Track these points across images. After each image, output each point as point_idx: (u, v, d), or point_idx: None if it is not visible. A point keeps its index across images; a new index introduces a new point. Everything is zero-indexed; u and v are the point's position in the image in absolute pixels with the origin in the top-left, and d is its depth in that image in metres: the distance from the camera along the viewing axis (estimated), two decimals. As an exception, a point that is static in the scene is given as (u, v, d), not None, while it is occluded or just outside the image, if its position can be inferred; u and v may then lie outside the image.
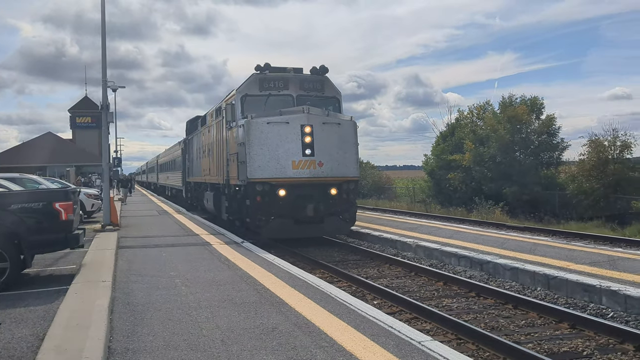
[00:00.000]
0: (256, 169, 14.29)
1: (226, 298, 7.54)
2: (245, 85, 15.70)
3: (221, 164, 17.74)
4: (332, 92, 16.33)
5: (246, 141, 14.42)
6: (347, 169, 14.96)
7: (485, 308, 8.87)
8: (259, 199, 14.38)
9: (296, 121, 14.46)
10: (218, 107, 19.03)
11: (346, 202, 15.19)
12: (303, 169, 14.39)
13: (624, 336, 6.99)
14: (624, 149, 28.08)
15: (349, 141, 15.11)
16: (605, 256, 11.30)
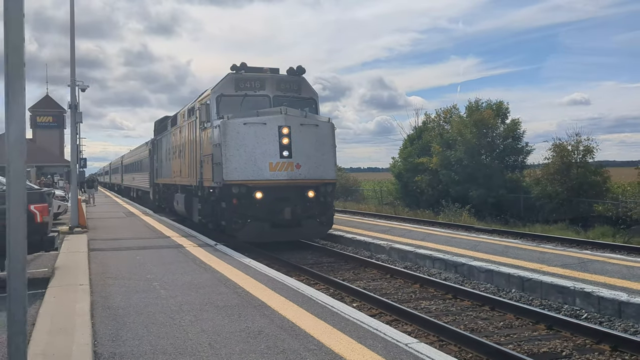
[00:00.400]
0: (232, 171, 13.97)
1: (207, 301, 7.45)
2: (221, 85, 15.37)
3: (194, 166, 17.36)
4: (309, 93, 16.12)
5: (222, 142, 14.10)
6: (324, 171, 14.76)
7: (463, 310, 8.98)
8: (235, 201, 14.07)
9: (274, 122, 14.22)
10: (191, 107, 18.57)
11: (324, 205, 15.01)
12: (281, 171, 14.13)
13: (600, 336, 7.17)
14: (587, 154, 28.84)
15: (326, 143, 14.93)
16: (575, 258, 11.59)
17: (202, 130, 16.20)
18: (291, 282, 8.96)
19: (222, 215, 14.77)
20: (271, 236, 14.49)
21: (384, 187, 44.16)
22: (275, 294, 7.96)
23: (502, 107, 34.19)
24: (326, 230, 15.68)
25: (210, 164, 15.04)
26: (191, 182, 18.00)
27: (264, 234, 14.35)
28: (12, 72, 3.55)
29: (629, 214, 23.12)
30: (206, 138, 15.76)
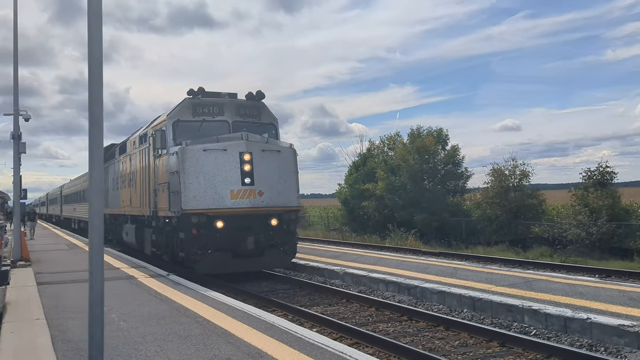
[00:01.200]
0: (191, 199, 13.37)
1: (170, 332, 7.41)
2: (178, 110, 14.81)
3: (147, 195, 16.70)
4: (269, 119, 15.75)
5: (180, 170, 13.51)
6: (287, 198, 14.31)
7: (419, 331, 9.27)
8: (195, 231, 13.43)
9: (234, 148, 13.73)
10: (143, 133, 17.78)
11: (287, 233, 14.51)
12: (242, 199, 13.58)
13: (550, 351, 7.59)
14: (523, 178, 30.13)
15: (289, 169, 14.53)
16: (521, 278, 12.15)
17: (157, 158, 15.52)
18: (251, 309, 9.01)
19: (180, 247, 14.12)
20: (233, 267, 13.89)
21: (330, 213, 44.56)
22: (237, 321, 8.00)
23: (442, 133, 35.37)
24: (290, 260, 15.14)
25: (167, 193, 14.45)
26: (143, 212, 17.21)
27: (226, 265, 13.75)
28: None
29: (564, 235, 24.25)
30: (161, 166, 15.13)
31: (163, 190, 14.79)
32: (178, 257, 14.41)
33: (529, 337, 8.34)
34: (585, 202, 24.77)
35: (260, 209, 13.82)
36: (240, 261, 13.82)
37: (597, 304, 9.25)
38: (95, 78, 4.28)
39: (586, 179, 26.11)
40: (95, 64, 4.27)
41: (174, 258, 14.86)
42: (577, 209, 25.09)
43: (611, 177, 25.73)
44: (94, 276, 4.36)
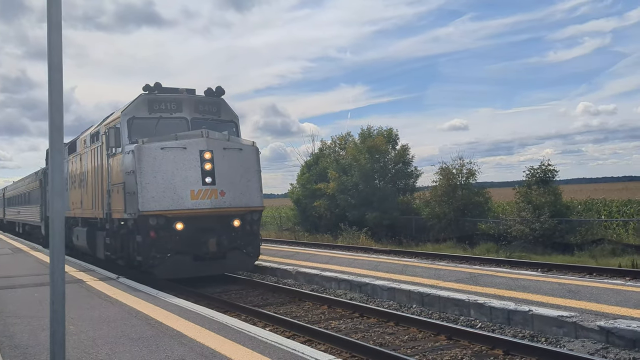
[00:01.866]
0: (149, 200, 12.72)
1: (121, 334, 7.36)
2: (133, 107, 14.01)
3: (99, 196, 15.89)
4: (229, 116, 15.14)
5: (137, 169, 12.81)
6: (250, 198, 13.76)
7: (370, 327, 9.49)
8: (153, 234, 12.80)
9: (194, 146, 13.11)
10: (95, 131, 16.88)
11: (250, 235, 14.00)
12: (203, 199, 13.00)
13: (494, 343, 7.92)
14: (470, 176, 30.93)
15: (251, 168, 13.96)
16: (467, 273, 12.56)
17: (110, 157, 14.71)
18: (203, 310, 9.02)
19: (137, 250, 13.39)
20: (194, 271, 13.36)
21: (282, 212, 44.58)
22: (189, 322, 8.00)
23: (392, 133, 35.92)
24: (253, 262, 14.62)
25: (122, 194, 13.69)
26: (96, 215, 16.43)
27: (186, 268, 13.22)
28: None
29: (509, 231, 25.06)
30: (116, 165, 14.38)
31: (118, 191, 14.10)
32: (135, 262, 13.73)
33: (474, 330, 8.67)
34: (529, 199, 25.65)
35: (222, 209, 13.30)
36: (202, 264, 13.31)
37: (539, 297, 9.68)
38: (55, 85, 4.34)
39: (529, 177, 27.02)
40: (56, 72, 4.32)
41: (130, 262, 14.18)
42: (521, 206, 25.95)
43: (553, 175, 26.72)
44: (55, 276, 4.45)
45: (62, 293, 4.48)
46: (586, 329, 7.90)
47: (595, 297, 9.44)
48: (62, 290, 4.48)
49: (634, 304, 8.84)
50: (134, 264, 13.85)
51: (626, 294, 9.65)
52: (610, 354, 7.33)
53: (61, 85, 4.36)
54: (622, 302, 9.02)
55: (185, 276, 13.42)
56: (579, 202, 30.06)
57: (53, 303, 4.44)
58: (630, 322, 7.72)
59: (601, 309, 8.62)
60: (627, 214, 28.33)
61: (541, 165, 26.98)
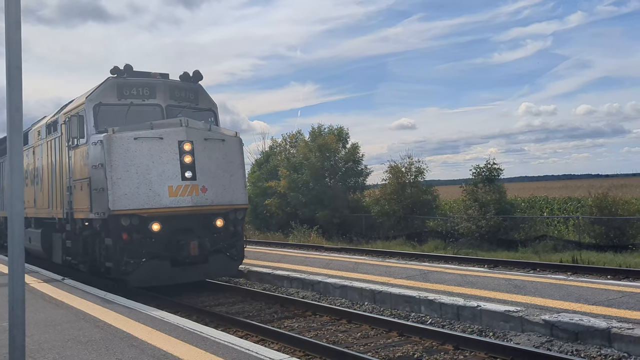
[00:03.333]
0: (121, 198, 11.25)
1: (69, 338, 7.15)
2: (100, 92, 12.44)
3: (57, 194, 14.26)
4: (207, 104, 13.67)
5: (106, 162, 11.33)
6: (234, 195, 12.40)
7: (323, 325, 9.54)
8: (126, 236, 11.34)
9: (172, 136, 11.68)
10: (51, 121, 15.10)
11: (233, 236, 12.68)
12: (183, 196, 11.61)
13: (444, 338, 8.10)
14: (418, 174, 31.48)
15: (235, 161, 12.58)
16: (417, 270, 12.79)
17: (72, 149, 13.08)
18: (153, 311, 8.86)
19: (106, 255, 11.93)
20: (172, 277, 11.92)
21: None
22: (139, 324, 7.85)
23: (342, 132, 36.17)
24: (237, 266, 13.12)
25: (87, 191, 12.13)
26: (53, 214, 14.75)
27: (163, 275, 11.76)
28: None
29: (456, 229, 25.67)
30: (79, 158, 12.78)
31: (82, 187, 12.53)
32: (102, 268, 12.26)
33: (425, 325, 8.85)
34: (475, 197, 26.31)
35: (204, 207, 11.93)
36: (181, 270, 11.88)
37: (487, 292, 9.96)
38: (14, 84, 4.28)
39: (476, 175, 27.72)
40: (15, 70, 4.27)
41: (96, 269, 12.72)
42: (467, 203, 26.58)
43: (498, 173, 27.50)
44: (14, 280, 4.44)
45: (22, 297, 4.44)
46: (532, 323, 8.18)
47: (539, 292, 9.78)
48: (21, 294, 4.44)
49: (576, 298, 9.21)
50: (100, 270, 12.45)
51: (568, 288, 10.04)
52: (554, 346, 7.62)
53: (20, 84, 4.29)
54: (565, 296, 9.38)
55: (162, 284, 12.03)
56: (522, 200, 31.07)
57: (12, 308, 4.40)
58: (572, 315, 8.04)
59: (545, 303, 8.94)
60: (567, 211, 29.47)
61: (487, 164, 27.73)
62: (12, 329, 4.42)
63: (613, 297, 9.17)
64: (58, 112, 14.92)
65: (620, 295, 9.30)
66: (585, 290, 9.86)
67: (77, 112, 12.86)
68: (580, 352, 7.33)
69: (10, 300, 4.38)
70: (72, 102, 14.22)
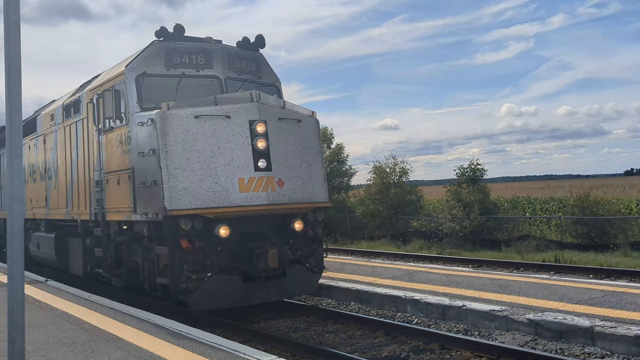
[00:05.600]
0: (180, 194, 8.78)
1: (54, 339, 7.09)
2: (144, 59, 10.00)
3: (82, 190, 11.85)
4: (271, 77, 11.31)
5: (160, 147, 8.87)
6: (313, 190, 10.04)
7: (309, 325, 9.55)
8: (187, 244, 8.76)
9: (242, 114, 9.29)
10: (71, 101, 12.53)
11: (313, 242, 10.20)
12: (257, 192, 9.18)
13: (430, 337, 8.16)
14: (403, 175, 31.62)
15: (312, 148, 10.27)
16: (403, 270, 12.86)
17: (104, 134, 10.73)
18: (139, 312, 8.80)
19: (159, 269, 9.40)
20: (244, 297, 9.35)
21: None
22: (125, 325, 7.80)
23: (327, 132, 36.21)
24: (317, 280, 10.54)
25: (127, 185, 9.82)
26: (74, 215, 12.30)
27: (233, 294, 9.19)
28: None
29: (440, 229, 25.82)
30: (114, 144, 10.42)
31: (119, 181, 10.20)
32: (146, 284, 9.93)
33: (411, 325, 8.90)
34: (459, 197, 26.50)
35: (282, 206, 9.53)
36: (255, 287, 9.35)
37: (471, 292, 10.05)
38: (14, 86, 4.32)
39: (459, 175, 27.92)
40: (14, 72, 4.32)
41: (135, 285, 10.44)
42: (451, 203, 26.76)
43: (481, 173, 27.72)
44: (14, 282, 4.50)
45: (22, 301, 4.49)
46: (516, 322, 8.27)
47: (524, 291, 9.89)
48: (21, 297, 4.49)
49: (559, 297, 9.33)
50: (143, 286, 10.10)
51: (552, 287, 10.17)
52: (539, 345, 7.71)
53: (20, 85, 4.32)
54: (549, 295, 9.50)
55: (232, 305, 9.45)
56: (505, 200, 31.37)
57: (13, 311, 4.48)
58: (556, 314, 8.14)
59: (530, 302, 9.05)
60: (549, 211, 29.81)
61: (470, 165, 27.95)
62: (12, 331, 4.51)
63: (596, 296, 9.31)
64: (80, 90, 12.56)
65: (603, 295, 9.44)
66: (569, 289, 9.99)
67: (111, 85, 10.43)
68: (564, 351, 7.43)
69: (10, 304, 4.47)
70: (98, 76, 11.98)
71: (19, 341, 4.48)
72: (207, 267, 8.92)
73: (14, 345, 4.49)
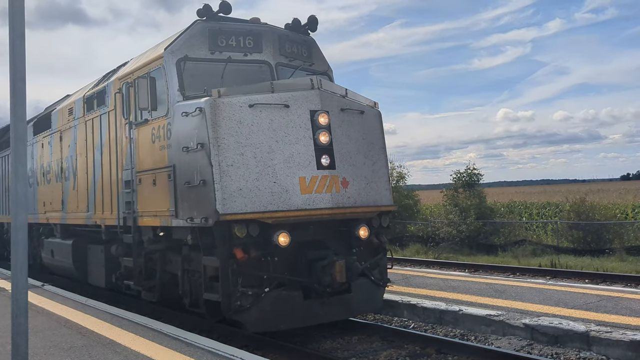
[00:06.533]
0: (234, 196, 7.62)
1: (51, 344, 7.10)
2: (185, 41, 8.80)
3: (107, 191, 10.75)
4: (323, 65, 10.12)
5: (211, 141, 7.74)
6: (378, 192, 8.82)
7: (306, 331, 9.53)
8: (242, 254, 7.60)
9: (302, 103, 8.16)
10: (96, 92, 11.44)
11: (377, 251, 9.08)
12: (320, 193, 8.00)
13: (426, 342, 8.20)
14: (400, 179, 31.71)
15: (376, 144, 9.11)
16: (399, 275, 12.89)
17: (137, 127, 9.55)
18: (135, 317, 8.81)
19: (206, 284, 8.13)
20: (306, 316, 8.06)
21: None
22: (122, 330, 7.82)
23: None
24: (382, 296, 9.28)
25: (166, 186, 8.63)
26: (97, 220, 11.13)
27: (294, 313, 7.89)
28: None
29: (437, 233, 25.90)
30: (148, 139, 9.21)
31: (155, 181, 9.04)
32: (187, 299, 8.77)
33: (408, 330, 8.94)
34: (456, 202, 26.58)
35: (347, 210, 8.28)
36: (317, 305, 8.05)
37: (468, 297, 10.10)
38: (18, 95, 4.41)
39: (456, 180, 28.01)
40: (19, 82, 4.40)
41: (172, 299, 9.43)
42: (448, 208, 26.85)
43: (478, 178, 27.82)
44: (18, 288, 4.56)
45: (25, 306, 4.53)
46: (512, 327, 8.31)
47: (520, 296, 9.94)
48: (25, 303, 4.53)
49: (555, 302, 9.39)
50: (181, 302, 8.94)
51: (548, 292, 10.22)
52: (534, 350, 7.76)
53: (24, 95, 4.40)
54: (545, 300, 9.55)
55: (292, 326, 8.14)
56: (501, 205, 31.44)
57: (16, 316, 4.51)
58: (552, 319, 8.19)
59: (526, 307, 9.09)
60: (546, 216, 29.92)
61: (467, 169, 28.04)
62: (15, 337, 4.55)
63: (591, 301, 9.36)
64: (104, 79, 11.49)
65: (598, 299, 9.50)
66: (564, 294, 10.05)
67: (147, 72, 9.27)
68: (560, 355, 7.47)
69: (13, 309, 4.53)
70: (126, 64, 10.95)
71: (23, 346, 4.51)
72: (265, 281, 7.78)
73: (17, 350, 4.51)
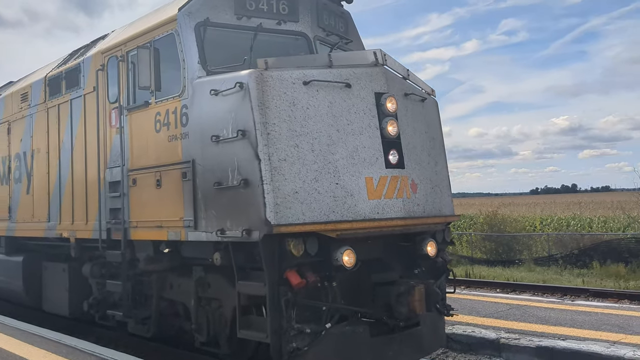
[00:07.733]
0: (290, 200, 5.68)
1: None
2: (205, 1, 6.84)
3: (81, 196, 8.54)
4: (359, 44, 8.42)
5: (257, 126, 5.75)
6: (442, 198, 7.18)
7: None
8: (298, 280, 5.56)
9: (366, 83, 6.33)
10: (66, 70, 9.15)
11: (441, 272, 7.27)
12: (391, 199, 6.23)
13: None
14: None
15: (437, 139, 7.41)
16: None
17: (129, 113, 7.47)
18: (48, 333, 8.46)
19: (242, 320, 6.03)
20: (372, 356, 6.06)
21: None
22: (34, 347, 7.52)
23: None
24: (444, 327, 7.36)
25: (182, 188, 6.64)
26: (67, 233, 8.89)
27: (360, 354, 5.97)
28: None
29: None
30: (148, 127, 7.19)
31: (160, 181, 7.00)
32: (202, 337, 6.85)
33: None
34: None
35: (419, 221, 6.61)
36: (386, 342, 6.21)
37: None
38: None
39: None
40: None
41: (173, 335, 7.76)
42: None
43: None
44: None
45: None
46: (429, 336, 8.59)
47: (436, 306, 10.29)
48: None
49: (469, 310, 9.82)
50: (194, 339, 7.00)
51: (462, 301, 10.66)
52: (449, 357, 8.09)
53: None
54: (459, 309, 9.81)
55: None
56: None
57: None
58: (465, 327, 8.57)
59: (441, 316, 9.43)
60: (461, 228, 31.14)
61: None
62: None
63: (502, 309, 9.87)
64: (76, 56, 9.34)
65: (508, 308, 10.03)
66: (477, 303, 10.53)
67: (149, 40, 7.23)
68: (472, 362, 7.82)
69: None
70: (106, 36, 8.89)
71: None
72: (324, 314, 5.85)
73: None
